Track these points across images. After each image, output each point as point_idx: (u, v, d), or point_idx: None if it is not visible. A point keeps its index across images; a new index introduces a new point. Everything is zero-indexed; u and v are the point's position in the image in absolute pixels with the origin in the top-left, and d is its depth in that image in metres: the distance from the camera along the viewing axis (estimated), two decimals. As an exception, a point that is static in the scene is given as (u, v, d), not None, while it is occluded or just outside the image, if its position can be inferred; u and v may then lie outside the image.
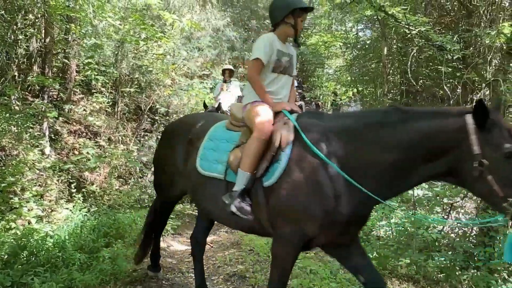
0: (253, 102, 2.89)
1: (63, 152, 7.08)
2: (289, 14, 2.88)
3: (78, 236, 4.45)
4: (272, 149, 2.63)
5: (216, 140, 3.01)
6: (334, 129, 2.60)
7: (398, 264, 4.55)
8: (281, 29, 2.98)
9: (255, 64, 2.88)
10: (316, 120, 2.72)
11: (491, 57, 6.18)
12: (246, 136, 2.82)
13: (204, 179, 2.95)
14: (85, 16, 5.93)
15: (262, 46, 2.88)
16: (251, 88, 2.94)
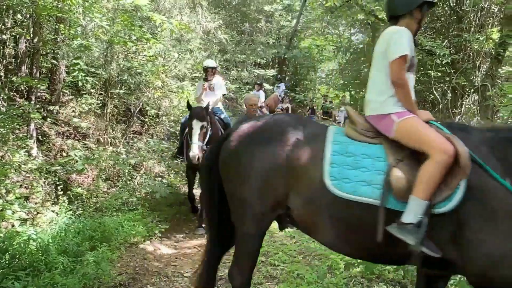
0: (401, 113, 2.51)
1: (50, 153, 6.99)
2: (417, 8, 2.62)
3: (62, 240, 4.39)
4: (457, 173, 2.25)
5: (351, 155, 2.50)
6: (493, 142, 2.36)
7: (385, 268, 4.53)
8: (404, 23, 2.65)
9: (401, 62, 2.49)
10: (465, 133, 2.43)
11: (480, 62, 6.22)
12: (396, 152, 2.44)
13: (342, 203, 2.42)
14: (72, 15, 5.86)
15: (406, 41, 2.52)
16: (386, 91, 2.58)
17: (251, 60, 17.37)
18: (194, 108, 5.98)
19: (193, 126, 5.69)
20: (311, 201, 2.51)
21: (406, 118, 2.47)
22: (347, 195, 2.39)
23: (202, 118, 5.78)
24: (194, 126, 5.70)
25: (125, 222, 5.47)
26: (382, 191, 2.34)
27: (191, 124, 5.70)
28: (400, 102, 2.54)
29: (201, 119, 5.76)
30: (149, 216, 6.16)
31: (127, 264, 4.62)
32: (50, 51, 7.36)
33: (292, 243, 5.70)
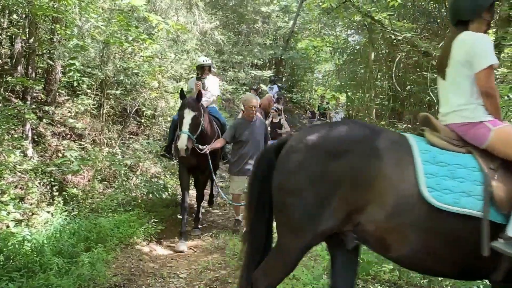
0: (495, 122, 2.44)
1: (46, 154, 6.97)
2: (486, 9, 2.52)
3: (57, 240, 4.37)
4: None
5: (444, 164, 2.38)
6: None
7: (381, 269, 4.53)
8: (475, 27, 2.53)
9: (490, 72, 2.40)
10: None
11: (475, 64, 6.23)
12: (489, 162, 2.38)
13: (441, 215, 2.29)
14: (68, 16, 5.85)
15: (491, 49, 2.44)
16: (473, 100, 2.49)
17: (248, 61, 17.39)
18: (187, 98, 5.56)
19: (185, 115, 5.25)
20: (399, 214, 2.33)
21: (503, 126, 2.39)
22: (448, 206, 2.26)
23: (195, 108, 5.34)
24: (185, 116, 5.25)
25: (120, 223, 5.45)
26: (483, 202, 2.24)
27: (182, 114, 5.28)
28: (488, 111, 2.46)
29: (193, 109, 5.31)
30: (145, 217, 6.13)
31: (122, 265, 4.60)
32: (46, 51, 7.35)
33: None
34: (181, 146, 5.10)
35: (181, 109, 5.37)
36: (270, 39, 20.11)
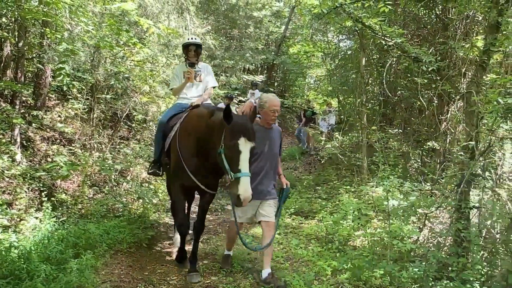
0: None
1: (35, 159, 6.90)
2: None
3: (45, 247, 4.30)
4: None
5: None
6: None
7: (372, 275, 4.53)
8: None
9: None
10: None
11: (465, 70, 6.30)
12: None
13: None
14: (57, 20, 5.80)
15: None
16: None
17: (240, 66, 17.39)
18: (237, 118, 3.86)
19: (241, 148, 3.64)
20: None
21: None
22: None
23: (252, 136, 3.81)
24: (243, 149, 3.65)
25: (110, 228, 5.40)
26: None
27: (237, 146, 3.64)
28: None
29: (251, 137, 3.78)
30: (135, 223, 6.08)
31: (111, 272, 4.54)
32: (35, 55, 7.29)
33: (279, 250, 5.69)
34: (247, 195, 3.57)
35: (235, 138, 3.65)
36: (262, 44, 20.16)
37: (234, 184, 3.61)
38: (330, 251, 5.48)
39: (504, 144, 6.88)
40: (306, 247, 5.70)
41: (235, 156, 3.63)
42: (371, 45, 9.55)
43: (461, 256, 4.61)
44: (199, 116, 4.43)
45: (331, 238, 5.96)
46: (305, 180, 10.18)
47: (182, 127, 4.56)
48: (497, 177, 6.43)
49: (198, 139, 4.23)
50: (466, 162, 4.98)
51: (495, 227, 5.55)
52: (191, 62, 5.13)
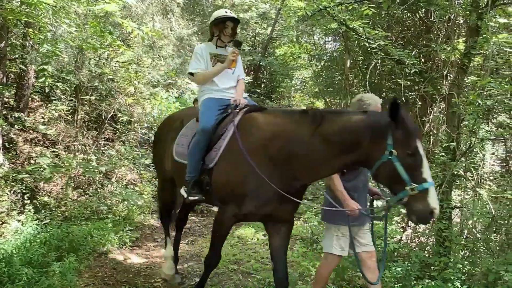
0: None
1: (18, 161, 6.80)
2: None
3: (27, 250, 4.25)
4: None
5: None
6: None
7: (356, 274, 4.58)
8: None
9: None
10: None
11: (447, 72, 6.40)
12: None
13: None
14: (40, 21, 5.73)
15: None
16: None
17: (226, 67, 17.36)
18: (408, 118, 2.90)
19: (421, 151, 2.80)
20: None
21: None
22: None
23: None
24: (422, 153, 2.81)
25: (94, 231, 5.36)
26: None
27: (418, 149, 2.78)
28: None
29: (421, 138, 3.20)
30: (119, 225, 6.05)
31: (95, 275, 4.51)
32: (18, 56, 7.19)
33: (264, 251, 5.70)
34: (438, 208, 2.75)
35: (413, 139, 2.79)
36: (249, 45, 20.16)
37: (419, 198, 2.70)
38: (315, 252, 5.52)
39: (485, 145, 7.02)
40: (291, 248, 5.72)
41: (417, 162, 2.76)
42: (355, 47, 9.64)
43: (443, 256, 4.69)
44: (290, 124, 3.16)
45: (316, 239, 6.00)
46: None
47: (260, 138, 3.21)
48: (478, 177, 6.55)
49: (295, 154, 3.02)
50: (447, 162, 5.06)
51: (476, 227, 5.66)
52: (235, 40, 3.94)
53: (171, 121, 4.37)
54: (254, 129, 3.28)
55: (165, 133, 4.27)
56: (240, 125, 3.36)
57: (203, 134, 3.46)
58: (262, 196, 3.10)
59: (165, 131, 4.33)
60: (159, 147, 4.37)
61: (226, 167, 3.28)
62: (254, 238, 6.29)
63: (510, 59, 5.52)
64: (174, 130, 4.05)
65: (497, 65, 6.12)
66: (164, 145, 4.18)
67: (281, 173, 3.07)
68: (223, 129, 3.47)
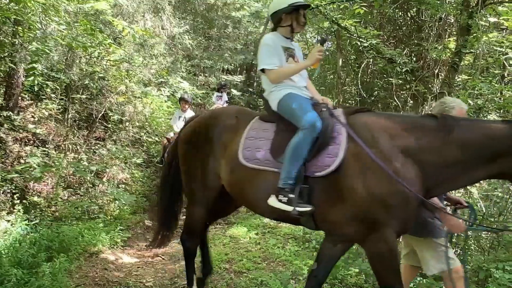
0: None
1: (7, 161, 6.73)
2: None
3: (17, 251, 4.20)
4: None
5: None
6: None
7: (348, 273, 4.59)
8: None
9: None
10: None
11: (438, 71, 6.44)
12: None
13: None
14: (28, 19, 5.66)
15: None
16: None
17: (218, 66, 17.32)
18: None
19: None
20: None
21: None
22: None
23: None
24: None
25: (85, 231, 5.32)
26: None
27: None
28: None
29: None
30: (111, 225, 6.00)
31: (86, 275, 4.48)
32: (7, 54, 7.10)
33: (256, 250, 5.70)
34: None
35: None
36: (241, 44, 20.12)
37: None
38: (307, 251, 5.52)
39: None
40: (283, 247, 5.72)
41: None
42: (347, 46, 9.65)
43: (434, 254, 4.71)
44: (417, 130, 2.82)
45: (309, 237, 6.01)
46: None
47: (389, 146, 2.78)
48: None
49: (428, 164, 2.73)
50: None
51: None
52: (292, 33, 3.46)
53: (219, 120, 3.43)
54: (378, 135, 2.82)
55: (214, 134, 3.35)
56: (354, 129, 2.88)
57: (312, 131, 2.87)
58: (411, 210, 2.73)
59: (212, 132, 3.37)
60: (202, 151, 3.38)
61: (364, 179, 2.71)
62: (246, 237, 6.27)
63: (500, 58, 5.57)
64: (230, 129, 3.31)
65: (488, 64, 6.17)
66: (212, 148, 3.32)
67: None
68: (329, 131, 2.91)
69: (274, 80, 3.20)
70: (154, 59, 10.21)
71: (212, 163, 3.31)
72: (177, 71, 12.21)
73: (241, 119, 3.35)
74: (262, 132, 3.15)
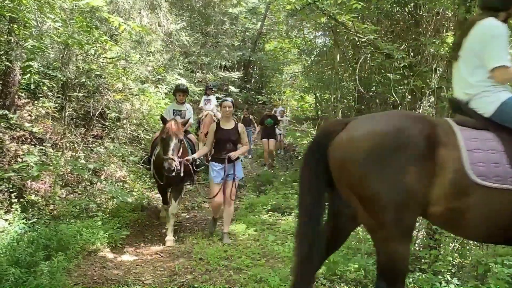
0: None
1: (4, 159, 6.69)
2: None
3: (14, 250, 4.18)
4: None
5: None
6: None
7: (347, 269, 4.58)
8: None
9: None
10: None
11: (435, 65, 6.42)
12: None
13: None
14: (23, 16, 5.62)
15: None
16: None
17: (216, 63, 17.30)
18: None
19: None
20: None
21: None
22: None
23: None
24: None
25: (83, 229, 5.28)
26: None
27: None
28: None
29: None
30: (109, 223, 5.98)
31: (84, 273, 4.46)
32: (3, 52, 7.05)
33: (255, 246, 5.68)
34: None
35: None
36: (238, 41, 20.12)
37: None
38: (306, 247, 5.51)
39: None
40: (282, 243, 5.71)
41: None
42: (345, 41, 9.63)
43: (433, 248, 4.71)
44: None
45: (308, 233, 6.00)
46: (282, 176, 10.22)
47: None
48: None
49: None
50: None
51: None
52: None
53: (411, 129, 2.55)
54: None
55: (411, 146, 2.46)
56: None
57: None
58: None
59: (407, 143, 2.47)
60: (398, 169, 2.43)
61: None
62: (245, 233, 6.27)
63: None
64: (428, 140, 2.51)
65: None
66: (413, 164, 2.43)
67: None
68: None
69: (506, 80, 2.68)
70: (151, 56, 10.17)
71: (416, 185, 2.43)
72: (174, 68, 12.16)
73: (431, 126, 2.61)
74: (487, 143, 2.56)
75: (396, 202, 2.42)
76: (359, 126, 2.63)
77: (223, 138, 5.93)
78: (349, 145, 2.55)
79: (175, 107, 7.40)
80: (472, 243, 5.07)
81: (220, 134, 5.94)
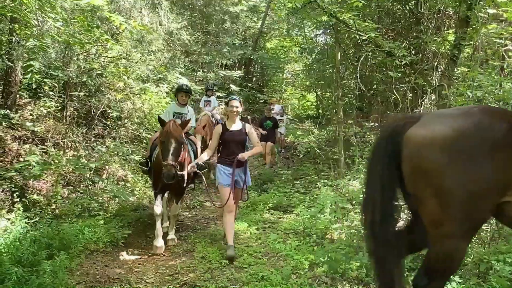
0: None
1: (6, 159, 6.71)
2: None
3: (17, 249, 4.20)
4: None
5: None
6: None
7: (349, 267, 4.58)
8: None
9: None
10: None
11: (437, 63, 6.41)
12: None
13: None
14: (25, 16, 5.63)
15: None
16: None
17: (217, 61, 17.29)
18: None
19: None
20: None
21: None
22: None
23: None
24: None
25: (85, 228, 5.31)
26: None
27: None
28: None
29: None
30: (111, 222, 6.00)
31: (86, 272, 4.47)
32: (5, 52, 7.07)
33: (257, 245, 5.69)
34: None
35: None
36: (239, 39, 20.09)
37: None
38: (307, 245, 5.51)
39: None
40: (284, 242, 5.71)
41: None
42: (346, 39, 9.62)
43: (435, 246, 4.71)
44: None
45: (309, 232, 6.00)
46: (283, 175, 10.22)
47: None
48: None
49: None
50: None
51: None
52: None
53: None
54: None
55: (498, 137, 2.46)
56: None
57: None
58: None
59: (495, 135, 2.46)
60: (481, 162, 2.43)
61: None
62: (247, 232, 6.27)
63: (500, 50, 5.54)
64: None
65: (487, 56, 6.14)
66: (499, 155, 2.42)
67: None
68: None
69: None
70: (152, 55, 10.17)
71: (496, 175, 2.43)
72: (175, 67, 12.17)
73: None
74: None
75: (473, 194, 2.41)
76: (437, 120, 2.67)
77: (230, 141, 5.33)
78: (429, 139, 2.54)
79: (176, 109, 6.71)
80: (473, 240, 5.07)
81: (227, 137, 5.33)
